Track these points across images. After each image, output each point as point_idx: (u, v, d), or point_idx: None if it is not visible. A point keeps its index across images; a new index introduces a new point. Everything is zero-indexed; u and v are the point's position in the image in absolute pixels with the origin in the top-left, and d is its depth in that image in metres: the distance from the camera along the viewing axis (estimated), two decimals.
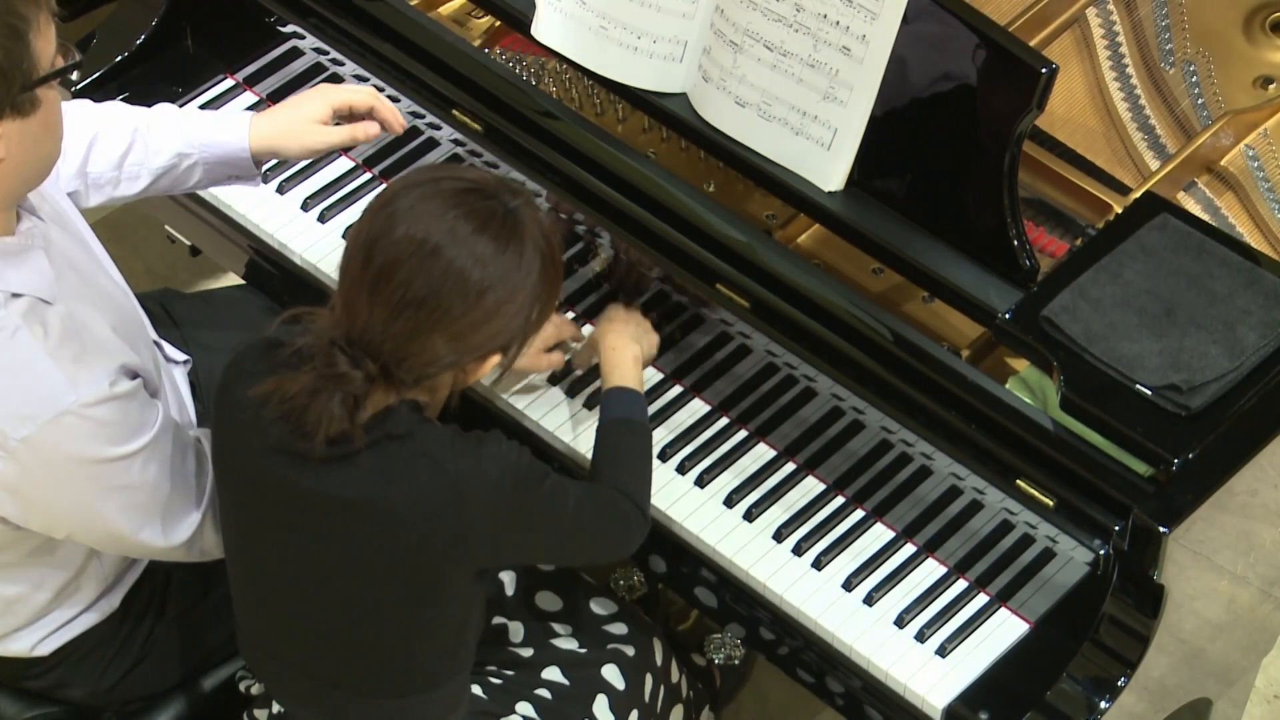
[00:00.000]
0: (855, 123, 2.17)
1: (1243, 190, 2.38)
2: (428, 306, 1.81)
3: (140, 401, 1.96)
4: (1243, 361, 2.05)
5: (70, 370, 1.88)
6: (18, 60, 1.79)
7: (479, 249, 1.81)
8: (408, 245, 1.80)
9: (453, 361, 1.87)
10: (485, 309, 1.83)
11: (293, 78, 2.63)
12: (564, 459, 2.30)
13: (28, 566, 2.07)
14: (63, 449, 1.90)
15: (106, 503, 1.96)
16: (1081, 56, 2.50)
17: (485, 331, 1.85)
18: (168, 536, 2.04)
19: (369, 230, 1.83)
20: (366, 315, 1.82)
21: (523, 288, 1.85)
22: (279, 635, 2.06)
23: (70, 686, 2.22)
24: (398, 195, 1.84)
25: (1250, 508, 2.12)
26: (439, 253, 1.80)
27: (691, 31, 2.27)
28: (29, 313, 1.88)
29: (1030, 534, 2.14)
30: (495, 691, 2.19)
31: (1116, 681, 2.02)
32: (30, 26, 1.80)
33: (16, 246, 1.92)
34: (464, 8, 2.63)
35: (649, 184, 2.26)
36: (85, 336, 1.92)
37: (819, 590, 2.17)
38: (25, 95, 1.82)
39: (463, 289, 1.81)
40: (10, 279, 1.89)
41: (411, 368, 1.85)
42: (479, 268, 1.81)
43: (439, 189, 1.84)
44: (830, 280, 2.20)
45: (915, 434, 2.15)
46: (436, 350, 1.84)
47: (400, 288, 1.80)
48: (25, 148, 1.85)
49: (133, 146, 2.27)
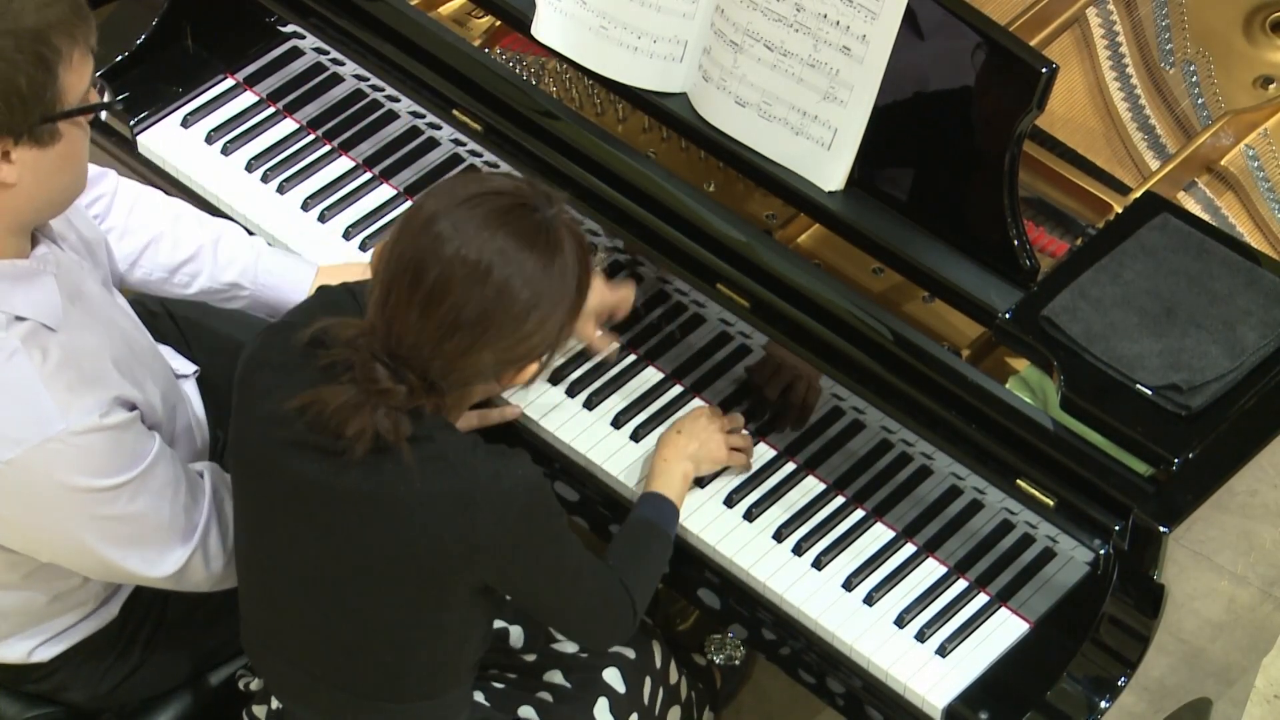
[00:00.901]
0: (855, 123, 2.17)
1: (1243, 190, 2.38)
2: (480, 326, 1.82)
3: (134, 434, 1.96)
4: (1243, 361, 2.05)
5: (63, 398, 1.88)
6: (40, 90, 1.80)
7: (527, 267, 1.83)
8: (460, 267, 1.81)
9: (495, 373, 1.90)
10: (532, 324, 1.85)
11: (293, 78, 2.63)
12: (564, 459, 2.31)
13: (16, 580, 2.07)
14: (47, 475, 1.89)
15: (89, 531, 1.96)
16: (1082, 56, 2.50)
17: (530, 344, 1.88)
18: (152, 568, 2.03)
19: (414, 250, 1.83)
20: (416, 334, 1.83)
21: (565, 299, 1.88)
22: (283, 631, 2.06)
23: (69, 690, 2.22)
24: (439, 215, 1.84)
25: (1250, 508, 2.12)
26: (490, 274, 1.81)
27: (692, 31, 2.27)
28: (30, 337, 1.89)
29: (1030, 534, 2.14)
30: (497, 697, 2.20)
31: (1116, 681, 2.02)
32: (61, 59, 1.81)
33: (27, 270, 1.92)
34: (464, 8, 2.63)
35: (649, 184, 2.26)
36: (85, 366, 1.92)
37: (819, 590, 2.17)
38: (46, 126, 1.82)
39: (512, 307, 1.83)
40: (16, 302, 1.89)
41: (455, 381, 1.88)
42: (527, 287, 1.83)
43: (483, 207, 1.84)
44: (830, 280, 2.20)
45: (915, 434, 2.15)
46: (483, 364, 1.86)
47: (453, 309, 1.81)
48: (38, 178, 1.86)
49: (192, 259, 2.31)
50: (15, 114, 1.79)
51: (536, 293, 1.83)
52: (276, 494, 1.94)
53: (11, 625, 2.12)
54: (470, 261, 1.81)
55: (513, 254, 1.82)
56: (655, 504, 2.17)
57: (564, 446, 2.30)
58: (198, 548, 2.05)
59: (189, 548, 2.05)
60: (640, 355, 2.37)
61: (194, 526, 2.05)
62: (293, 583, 1.99)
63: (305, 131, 2.61)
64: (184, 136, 2.61)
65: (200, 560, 2.06)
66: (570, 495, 2.30)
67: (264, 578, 2.04)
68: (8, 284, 1.89)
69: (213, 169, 2.57)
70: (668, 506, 2.17)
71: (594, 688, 2.23)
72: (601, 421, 2.31)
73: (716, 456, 2.23)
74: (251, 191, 2.54)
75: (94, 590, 2.14)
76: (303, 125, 2.61)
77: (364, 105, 2.57)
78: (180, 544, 2.04)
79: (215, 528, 2.07)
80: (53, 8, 1.80)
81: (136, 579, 2.06)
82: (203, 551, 2.06)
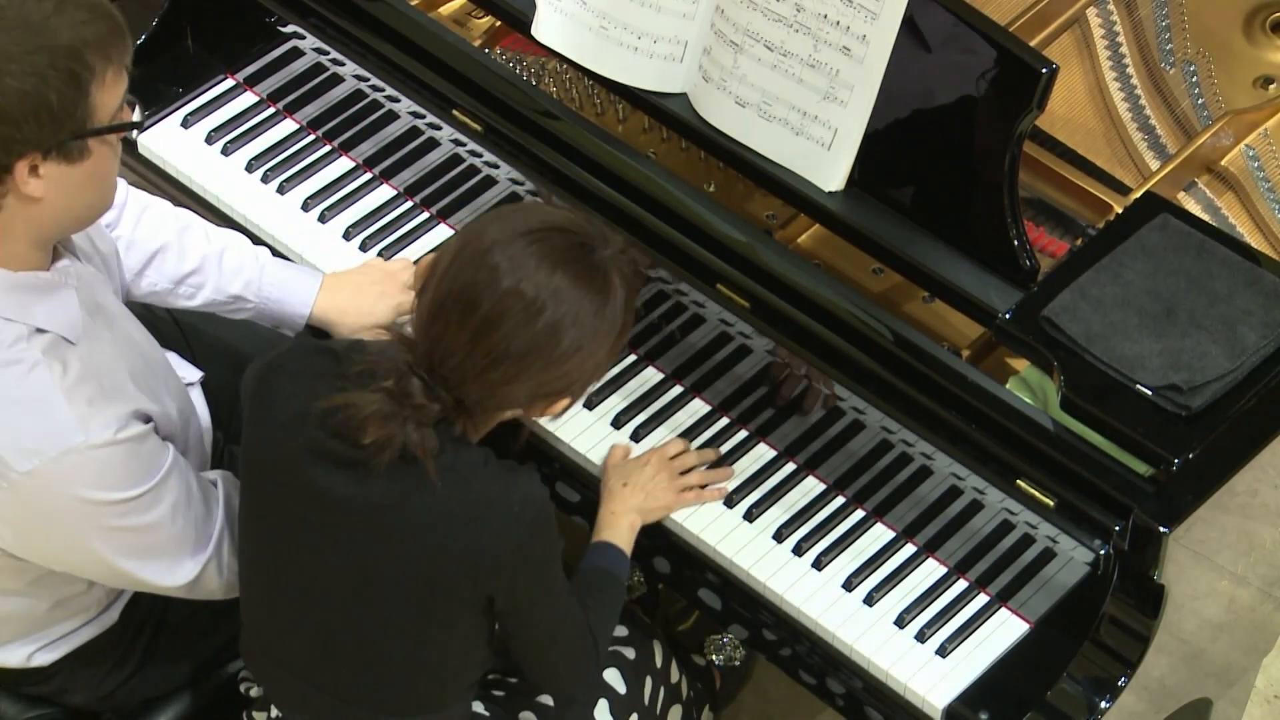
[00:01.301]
0: (855, 123, 2.17)
1: (1243, 190, 2.38)
2: (525, 360, 1.84)
3: (150, 446, 1.96)
4: (1243, 361, 2.05)
5: (83, 410, 1.88)
6: (71, 107, 1.80)
7: (580, 309, 1.85)
8: (516, 301, 1.83)
9: (528, 403, 1.92)
10: (574, 363, 1.87)
11: (293, 78, 2.63)
12: (563, 459, 2.31)
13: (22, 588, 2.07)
14: (64, 487, 1.90)
15: (105, 542, 1.96)
16: (1082, 56, 2.50)
17: (568, 380, 1.90)
18: (167, 578, 2.04)
19: (468, 278, 1.84)
20: (461, 358, 1.84)
21: (608, 340, 1.90)
22: (284, 639, 2.06)
23: (68, 693, 2.22)
24: (497, 246, 1.85)
25: (1250, 508, 2.12)
26: (543, 312, 1.83)
27: (692, 31, 2.27)
28: (50, 349, 1.89)
29: (1030, 534, 2.14)
30: (497, 707, 2.19)
31: (1117, 681, 2.02)
32: (94, 77, 1.81)
33: (49, 283, 1.92)
34: (464, 8, 2.63)
35: (649, 184, 2.26)
36: (104, 380, 1.93)
37: (819, 590, 2.17)
38: (75, 143, 1.83)
39: (559, 346, 1.85)
40: (38, 314, 1.89)
41: (489, 406, 1.90)
42: (576, 327, 1.85)
43: (543, 244, 1.85)
44: (830, 280, 2.20)
45: (915, 434, 2.15)
46: (519, 394, 1.89)
47: (503, 341, 1.83)
48: (65, 194, 1.86)
49: (197, 271, 2.31)
50: (45, 129, 1.79)
51: (584, 333, 1.86)
52: (289, 500, 1.94)
53: (12, 631, 2.12)
54: (527, 298, 1.83)
55: (567, 294, 1.84)
56: (605, 552, 2.17)
57: (564, 446, 2.30)
58: (212, 557, 2.06)
59: (203, 557, 2.05)
60: (640, 355, 2.37)
61: (208, 536, 2.06)
62: (298, 591, 1.99)
63: (305, 132, 2.61)
64: (184, 137, 2.61)
65: (215, 569, 2.07)
66: (571, 496, 2.30)
67: (269, 585, 2.03)
68: (30, 296, 1.90)
69: (213, 169, 2.57)
70: (618, 554, 2.17)
71: (594, 689, 2.23)
72: (601, 422, 2.31)
73: (665, 504, 2.22)
74: (252, 192, 2.54)
75: (96, 596, 2.14)
76: (303, 125, 2.61)
77: (364, 105, 2.57)
78: (195, 554, 2.05)
79: (229, 536, 2.08)
80: (90, 25, 1.80)
81: (151, 588, 2.06)
82: (217, 560, 2.07)
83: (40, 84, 1.77)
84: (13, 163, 1.80)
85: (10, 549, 1.97)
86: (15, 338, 1.88)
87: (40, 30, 1.77)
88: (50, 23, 1.78)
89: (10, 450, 1.87)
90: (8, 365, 1.87)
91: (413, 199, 2.53)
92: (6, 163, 1.80)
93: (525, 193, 2.42)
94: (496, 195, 2.45)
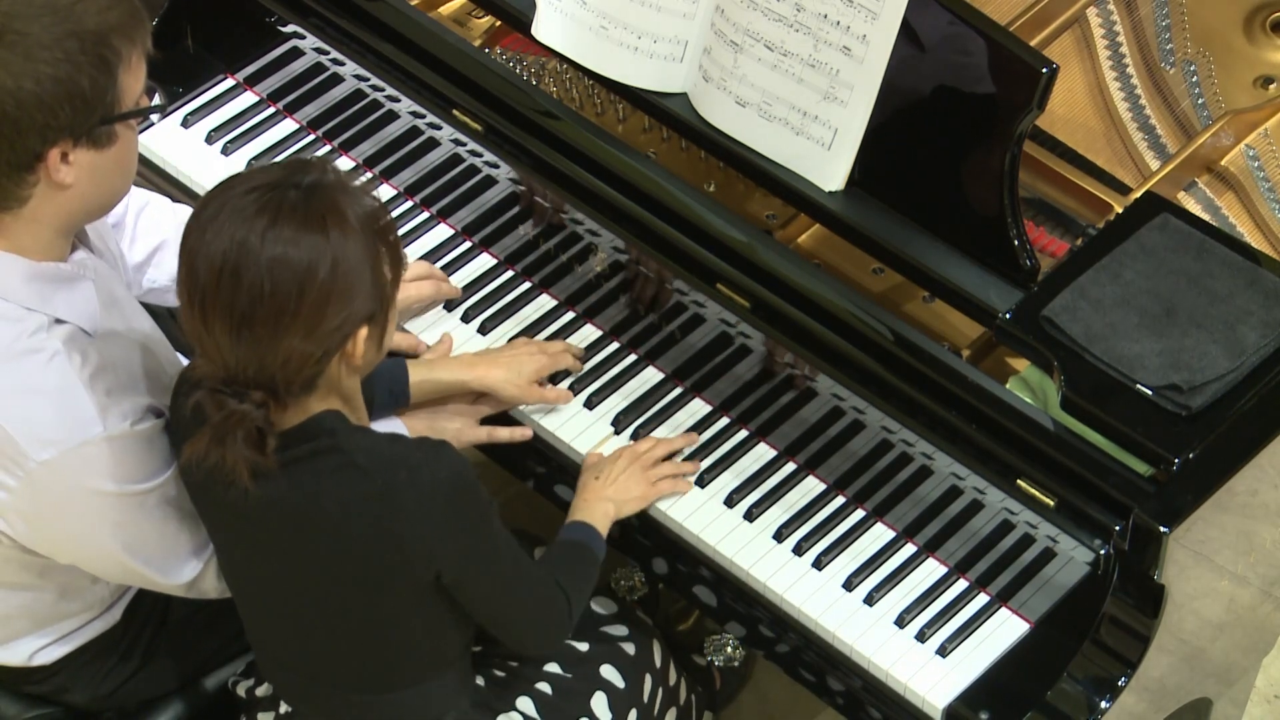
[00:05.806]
0: (856, 123, 2.18)
1: (1243, 190, 2.38)
2: (260, 317, 1.77)
3: (162, 441, 1.97)
4: (1243, 361, 2.05)
5: (102, 402, 1.89)
6: (102, 92, 1.81)
7: (284, 237, 1.76)
8: (214, 270, 1.76)
9: (322, 354, 1.82)
10: (320, 291, 1.77)
11: (293, 78, 2.63)
12: (563, 459, 2.31)
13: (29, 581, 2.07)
14: (79, 478, 1.90)
15: (113, 536, 1.96)
16: (1082, 56, 2.50)
17: (334, 311, 1.79)
18: (168, 575, 2.04)
19: (184, 273, 1.81)
20: (217, 349, 1.80)
21: (347, 254, 1.79)
22: (271, 636, 2.09)
23: (69, 692, 2.22)
24: (190, 233, 1.81)
25: (1250, 508, 2.12)
26: (244, 260, 1.76)
27: (692, 31, 2.27)
28: (70, 340, 1.89)
29: (1031, 534, 2.14)
30: (496, 684, 2.20)
31: (1117, 681, 2.02)
32: (121, 62, 1.83)
33: (69, 274, 1.93)
34: (464, 8, 2.63)
35: (649, 184, 2.26)
36: (121, 372, 1.94)
37: (819, 590, 2.17)
38: (104, 129, 1.84)
39: (284, 284, 1.76)
40: (58, 305, 1.90)
41: (289, 377, 1.82)
42: (290, 257, 1.76)
43: (225, 204, 1.79)
44: (830, 280, 2.20)
45: (916, 434, 2.15)
46: (297, 351, 1.79)
47: (225, 312, 1.77)
48: (94, 180, 1.87)
49: None
50: (78, 115, 1.81)
51: (303, 258, 1.76)
52: (225, 514, 1.96)
53: (16, 628, 2.13)
54: (220, 258, 1.76)
55: (262, 232, 1.76)
56: (584, 531, 2.16)
57: (563, 446, 2.30)
58: (213, 556, 2.06)
59: (205, 555, 2.06)
60: (640, 355, 2.37)
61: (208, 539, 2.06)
62: (258, 593, 2.03)
63: (305, 131, 2.61)
64: (184, 136, 2.61)
65: (215, 569, 2.08)
66: (570, 497, 2.30)
67: (239, 588, 2.07)
68: (50, 287, 1.90)
69: (213, 169, 2.57)
70: (593, 532, 2.16)
71: (592, 682, 2.24)
72: (602, 421, 2.31)
73: (639, 495, 2.21)
74: None
75: (100, 594, 2.15)
76: (303, 125, 2.62)
77: (364, 105, 2.57)
78: (197, 553, 2.05)
79: None
80: (113, 10, 1.82)
81: (154, 585, 2.07)
82: (215, 563, 2.07)
83: (73, 70, 1.78)
84: (46, 150, 1.82)
85: (21, 540, 1.98)
86: (36, 327, 1.88)
87: (67, 16, 1.79)
88: (76, 9, 1.79)
89: (29, 439, 1.87)
90: (28, 354, 1.88)
91: (413, 199, 2.53)
92: (40, 151, 1.82)
93: (525, 193, 2.42)
94: (496, 195, 2.45)
